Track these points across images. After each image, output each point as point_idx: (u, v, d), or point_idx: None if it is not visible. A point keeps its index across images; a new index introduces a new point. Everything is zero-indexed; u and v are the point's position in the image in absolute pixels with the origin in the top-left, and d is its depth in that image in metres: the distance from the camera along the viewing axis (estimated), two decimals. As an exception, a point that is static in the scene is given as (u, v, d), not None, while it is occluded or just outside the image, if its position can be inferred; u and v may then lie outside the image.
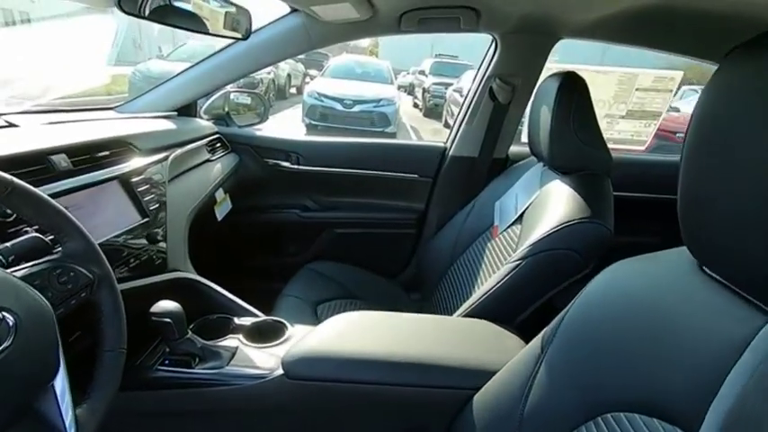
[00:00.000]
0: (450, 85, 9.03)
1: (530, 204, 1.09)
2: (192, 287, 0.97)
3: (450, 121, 8.08)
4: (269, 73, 8.86)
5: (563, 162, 1.03)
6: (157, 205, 0.94)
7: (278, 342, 0.87)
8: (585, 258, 0.90)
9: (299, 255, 1.64)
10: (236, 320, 0.94)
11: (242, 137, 1.53)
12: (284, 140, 1.55)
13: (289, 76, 10.92)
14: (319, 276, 1.43)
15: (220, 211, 1.36)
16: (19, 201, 0.52)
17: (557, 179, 1.03)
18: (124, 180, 0.89)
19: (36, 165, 0.73)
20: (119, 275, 0.79)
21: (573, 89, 1.00)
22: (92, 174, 0.83)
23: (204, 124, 1.40)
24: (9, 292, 0.46)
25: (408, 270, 1.63)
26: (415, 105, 12.11)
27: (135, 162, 0.94)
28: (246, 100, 1.78)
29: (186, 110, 1.39)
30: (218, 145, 1.42)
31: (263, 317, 0.98)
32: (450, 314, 1.07)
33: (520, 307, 0.97)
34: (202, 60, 1.35)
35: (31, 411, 0.48)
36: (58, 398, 0.50)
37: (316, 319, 1.24)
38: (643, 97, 2.11)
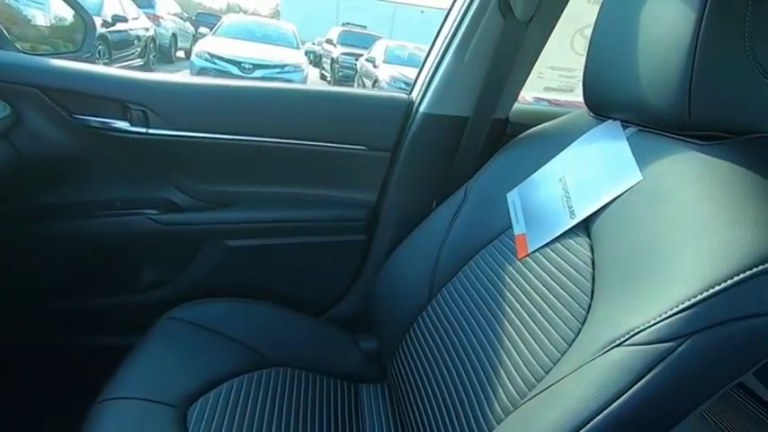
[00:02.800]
0: (360, 55, 8.44)
1: (613, 202, 0.55)
2: None
3: (366, 93, 7.77)
4: (147, 30, 7.31)
5: (713, 117, 0.50)
6: None
7: None
8: None
9: (159, 290, 0.94)
10: None
11: (20, 70, 0.77)
12: (118, 79, 0.82)
13: (174, 36, 9.28)
14: (195, 332, 0.77)
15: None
16: None
17: (690, 151, 0.50)
18: None
19: None
20: None
21: None
22: None
23: None
24: None
25: (348, 302, 1.03)
26: (323, 77, 11.25)
27: None
28: (58, 15, 1.00)
29: None
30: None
31: None
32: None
33: None
34: None
35: None
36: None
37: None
38: None
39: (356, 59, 8.80)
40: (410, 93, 0.97)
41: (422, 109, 0.91)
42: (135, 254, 0.92)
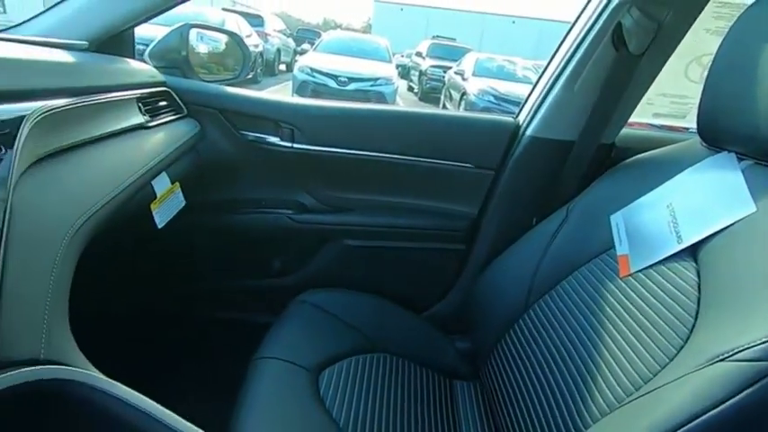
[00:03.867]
0: (449, 68, 8.53)
1: (723, 231, 0.59)
2: (66, 403, 0.45)
3: (450, 106, 7.71)
4: (256, 46, 8.15)
5: None
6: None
7: None
8: None
9: (289, 277, 1.12)
10: None
11: (206, 95, 0.99)
12: (274, 104, 1.01)
13: (278, 51, 10.20)
14: (321, 315, 0.92)
15: (163, 213, 0.82)
16: None
17: None
18: None
19: None
20: None
21: None
22: None
23: (138, 68, 0.86)
24: None
25: (446, 303, 1.13)
26: (410, 89, 11.53)
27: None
28: (217, 44, 1.23)
29: (111, 47, 0.83)
30: (164, 104, 0.87)
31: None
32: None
33: None
34: None
35: None
36: None
37: (318, 399, 0.74)
38: None
39: (444, 72, 8.91)
40: (516, 116, 1.05)
41: (528, 132, 0.99)
42: (272, 245, 1.11)
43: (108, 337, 0.53)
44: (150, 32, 1.05)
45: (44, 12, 0.81)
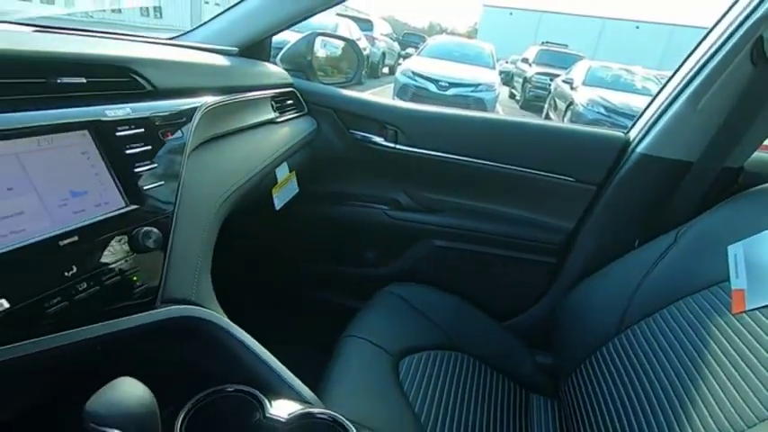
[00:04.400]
0: (557, 76, 8.07)
1: None
2: (203, 336, 0.56)
3: (553, 116, 7.29)
4: (364, 49, 8.55)
5: None
6: (161, 184, 0.53)
7: None
8: None
9: (380, 269, 1.20)
10: (270, 408, 0.52)
11: (323, 96, 1.10)
12: (381, 106, 1.09)
13: (383, 54, 10.56)
14: (406, 307, 0.97)
15: (281, 197, 0.95)
16: None
17: None
18: (104, 131, 0.49)
19: None
20: (48, 311, 0.40)
21: None
22: (36, 113, 0.43)
23: (274, 70, 0.99)
24: None
25: (531, 315, 1.12)
26: (512, 96, 11.15)
27: (135, 105, 0.54)
28: (336, 50, 1.35)
29: (254, 52, 0.98)
30: (290, 103, 1.00)
31: (313, 407, 0.55)
32: None
33: None
34: None
35: None
36: None
37: (397, 382, 0.79)
38: None
39: (551, 80, 8.47)
40: (628, 131, 1.00)
41: (639, 149, 0.94)
42: (368, 237, 1.20)
43: (228, 295, 0.64)
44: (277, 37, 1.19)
45: (204, 23, 0.98)
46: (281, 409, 0.52)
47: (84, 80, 0.49)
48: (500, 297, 1.12)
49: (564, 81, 7.07)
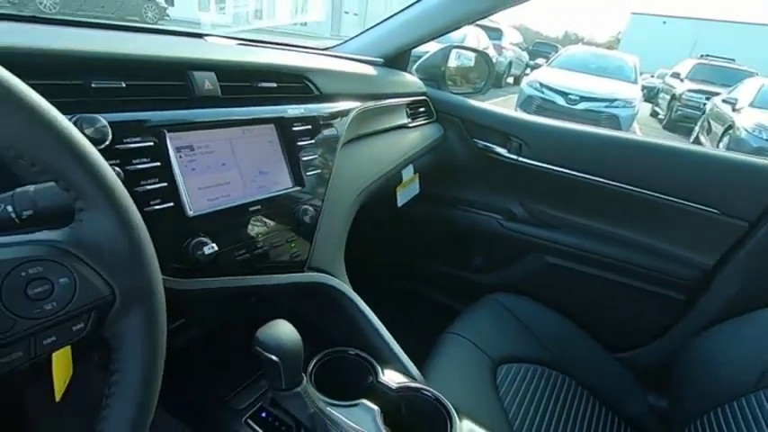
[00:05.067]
0: (715, 94, 6.98)
1: None
2: (334, 302, 0.66)
3: (705, 141, 6.34)
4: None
5: None
6: (318, 172, 0.65)
7: None
8: None
9: (486, 275, 1.22)
10: (382, 375, 0.59)
11: (451, 105, 1.16)
12: (507, 118, 1.12)
13: (510, 63, 10.28)
14: (509, 316, 0.98)
15: (403, 195, 1.03)
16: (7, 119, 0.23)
17: None
18: (285, 126, 0.61)
19: (165, 79, 0.49)
20: (236, 258, 0.52)
21: None
22: (244, 108, 0.57)
23: (411, 80, 1.08)
24: None
25: (649, 352, 1.03)
26: (654, 114, 9.95)
27: (307, 106, 0.66)
28: (468, 61, 1.40)
29: (396, 62, 1.08)
30: (422, 110, 1.08)
31: (419, 384, 0.61)
32: None
33: None
34: (417, 2, 1.02)
35: None
36: None
37: (493, 386, 0.82)
38: None
39: (707, 98, 7.37)
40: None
41: None
42: (479, 244, 1.23)
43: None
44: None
45: (355, 36, 1.11)
46: (391, 378, 0.60)
47: (275, 84, 0.63)
48: (615, 327, 1.06)
49: (725, 101, 6.10)
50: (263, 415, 0.52)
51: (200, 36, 0.77)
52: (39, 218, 0.30)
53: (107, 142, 0.41)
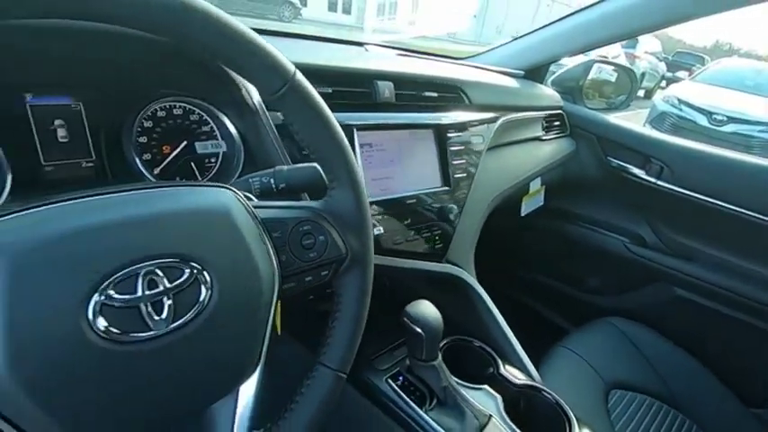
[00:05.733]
0: None
1: None
2: (462, 294, 0.73)
3: None
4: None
5: None
6: (464, 175, 0.71)
7: None
8: None
9: (601, 297, 1.18)
10: (502, 368, 0.64)
11: (587, 120, 1.14)
12: (649, 139, 1.07)
13: (643, 75, 9.32)
14: (626, 342, 0.95)
15: (528, 206, 1.05)
16: (295, 104, 0.34)
17: None
18: (441, 131, 0.69)
19: (356, 86, 0.60)
20: (392, 242, 0.61)
21: None
22: (411, 114, 0.66)
23: (548, 93, 1.09)
24: (220, 239, 0.29)
25: None
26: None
27: (459, 114, 0.73)
28: (609, 76, 1.36)
29: (533, 74, 1.10)
30: (557, 123, 1.09)
31: (537, 381, 0.65)
32: None
33: None
34: (564, 18, 1.02)
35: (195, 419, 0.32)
36: (237, 412, 0.33)
37: (605, 408, 0.81)
38: None
39: None
40: None
41: None
42: (598, 264, 1.19)
43: None
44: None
45: (498, 47, 1.15)
46: (512, 373, 0.64)
47: (436, 94, 0.71)
48: (751, 376, 0.96)
49: None
50: (401, 378, 0.60)
51: (360, 44, 0.88)
52: (289, 190, 0.41)
53: None
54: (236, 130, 0.51)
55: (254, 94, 0.49)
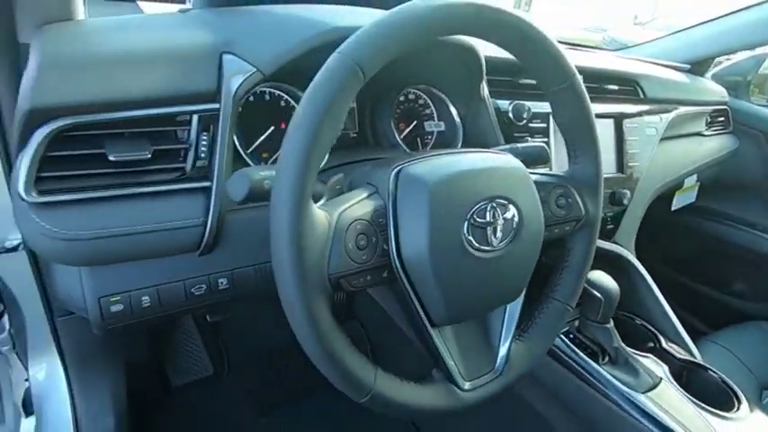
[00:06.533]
0: None
1: None
2: (626, 272, 0.78)
3: None
4: None
5: None
6: (637, 164, 0.76)
7: (726, 414, 0.58)
8: None
9: (748, 301, 1.13)
10: (664, 344, 0.70)
11: (753, 117, 1.09)
12: None
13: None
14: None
15: (679, 200, 1.05)
16: (569, 97, 0.44)
17: None
18: (618, 121, 0.75)
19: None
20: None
21: None
22: (594, 105, 0.73)
23: (714, 88, 1.07)
24: (526, 191, 0.40)
25: None
26: None
27: (635, 107, 0.78)
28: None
29: (698, 67, 1.08)
30: (720, 119, 1.06)
31: (698, 359, 0.69)
32: None
33: None
34: (732, 13, 0.99)
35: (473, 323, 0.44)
36: (505, 322, 0.45)
37: (759, 407, 0.82)
38: None
39: None
40: None
41: None
42: (747, 266, 1.13)
43: None
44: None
45: (655, 39, 1.14)
46: (673, 348, 0.69)
47: (616, 87, 0.76)
48: None
49: None
50: (571, 336, 0.69)
51: None
52: (522, 162, 0.52)
53: (524, 121, 0.63)
54: (458, 115, 0.63)
55: (486, 88, 0.60)
